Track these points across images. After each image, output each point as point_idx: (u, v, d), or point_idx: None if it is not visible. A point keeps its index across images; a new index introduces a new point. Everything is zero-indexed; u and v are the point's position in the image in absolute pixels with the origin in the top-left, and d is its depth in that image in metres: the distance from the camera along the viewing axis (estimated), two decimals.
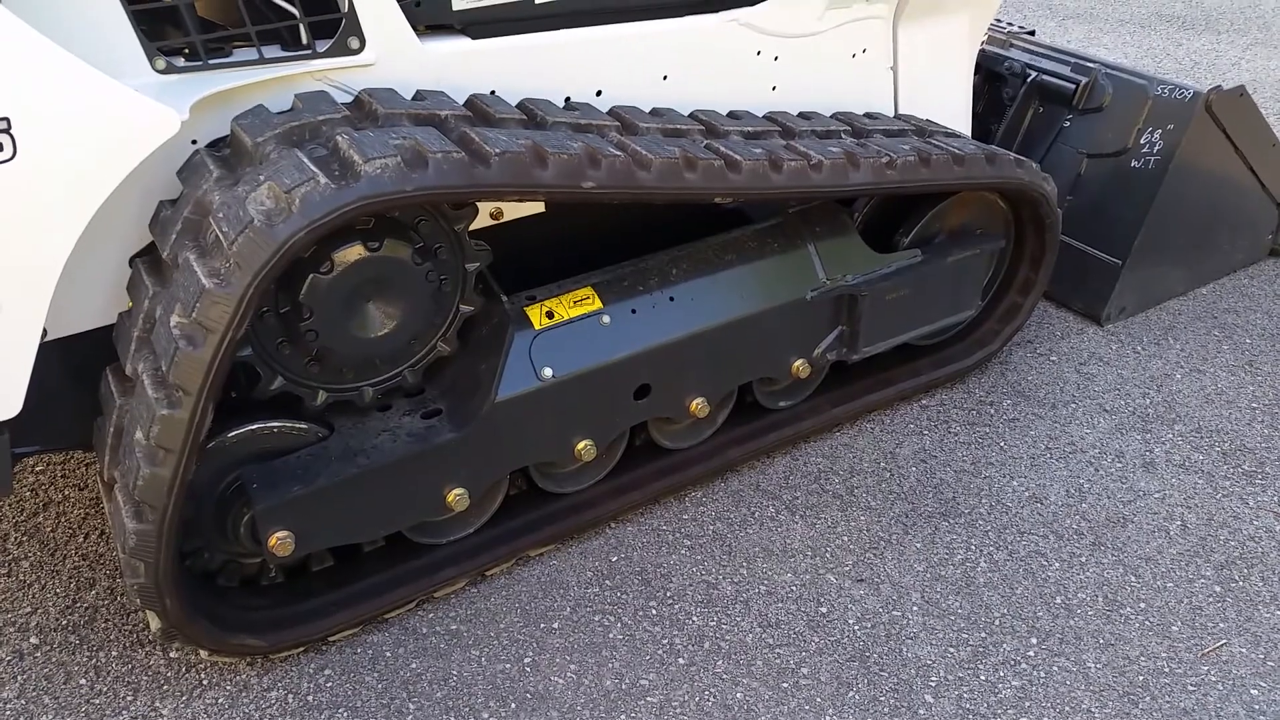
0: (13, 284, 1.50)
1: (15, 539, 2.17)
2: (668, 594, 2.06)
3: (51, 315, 1.56)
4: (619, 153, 1.80)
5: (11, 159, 1.42)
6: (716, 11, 2.19)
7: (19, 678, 1.88)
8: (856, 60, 2.45)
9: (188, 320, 1.51)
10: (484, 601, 2.04)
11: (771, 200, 2.20)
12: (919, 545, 2.19)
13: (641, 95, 2.12)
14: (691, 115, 2.13)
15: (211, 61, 1.67)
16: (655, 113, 2.08)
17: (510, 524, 2.11)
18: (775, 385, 2.40)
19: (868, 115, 2.45)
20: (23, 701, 1.84)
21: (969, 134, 2.73)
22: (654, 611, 2.02)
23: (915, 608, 2.04)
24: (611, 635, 1.97)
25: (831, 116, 2.36)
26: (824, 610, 2.03)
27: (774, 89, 2.32)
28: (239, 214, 1.50)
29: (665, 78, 2.15)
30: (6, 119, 1.40)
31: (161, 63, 1.63)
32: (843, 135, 2.26)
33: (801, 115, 2.31)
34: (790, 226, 2.27)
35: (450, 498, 1.93)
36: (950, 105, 2.70)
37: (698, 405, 2.16)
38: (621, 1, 2.07)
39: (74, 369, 1.77)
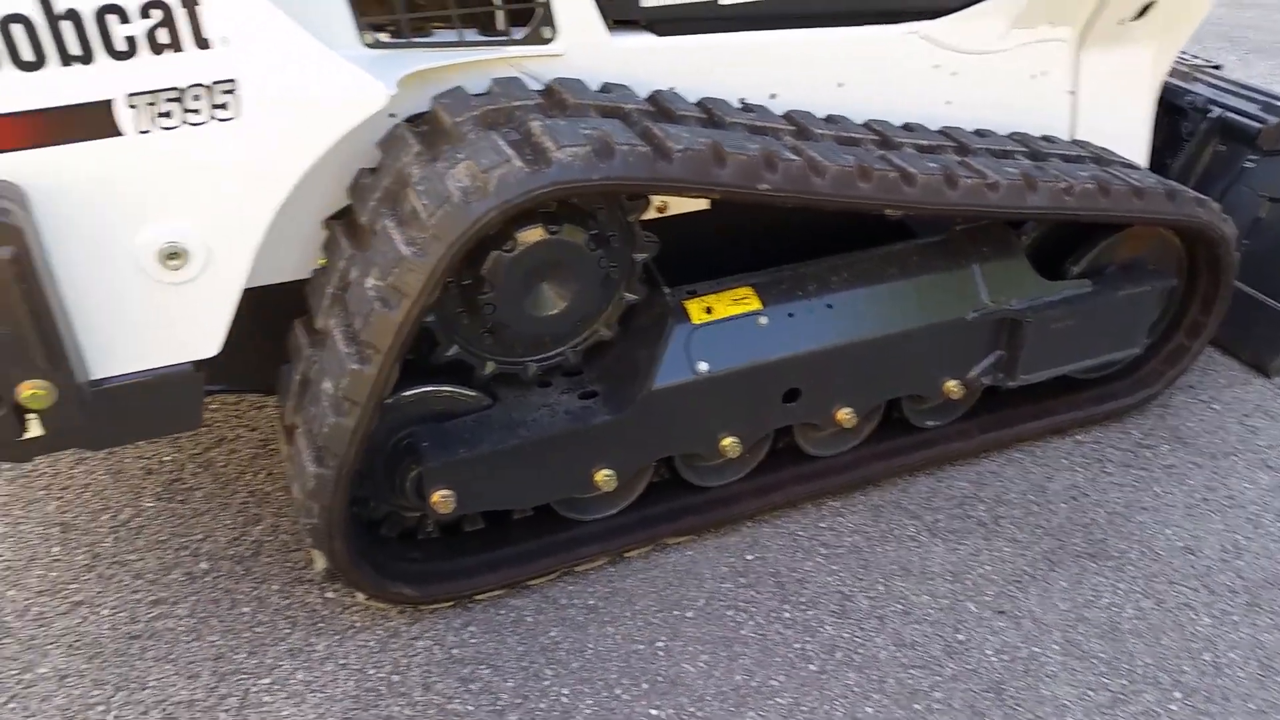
0: (225, 234, 1.64)
1: (191, 470, 2.35)
2: (802, 599, 2.07)
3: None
4: (795, 157, 1.83)
5: (234, 119, 1.55)
6: (898, 22, 2.19)
7: (189, 598, 2.04)
8: (1035, 81, 2.40)
9: (384, 284, 1.61)
10: (621, 582, 2.09)
11: (943, 216, 2.19)
12: (1064, 584, 2.14)
13: (815, 101, 2.14)
14: (865, 124, 2.14)
15: (415, 40, 1.78)
16: (830, 119, 2.10)
17: (652, 510, 2.16)
18: (925, 404, 2.38)
19: (1044, 138, 2.40)
20: (192, 620, 2.00)
21: (1146, 166, 2.64)
22: (787, 615, 2.03)
23: (1056, 646, 1.99)
24: (743, 632, 1.99)
25: (1007, 136, 2.33)
26: (961, 638, 2.01)
27: (948, 104, 2.31)
28: (438, 189, 1.60)
29: (840, 85, 2.16)
30: (234, 81, 1.52)
31: (369, 38, 1.74)
32: (1018, 156, 2.23)
33: (977, 133, 2.29)
34: (957, 245, 2.25)
35: (599, 477, 2.00)
36: (1128, 136, 2.62)
37: (845, 415, 2.17)
38: (804, 7, 2.10)
39: (262, 318, 1.90)
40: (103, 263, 1.57)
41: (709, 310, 2.03)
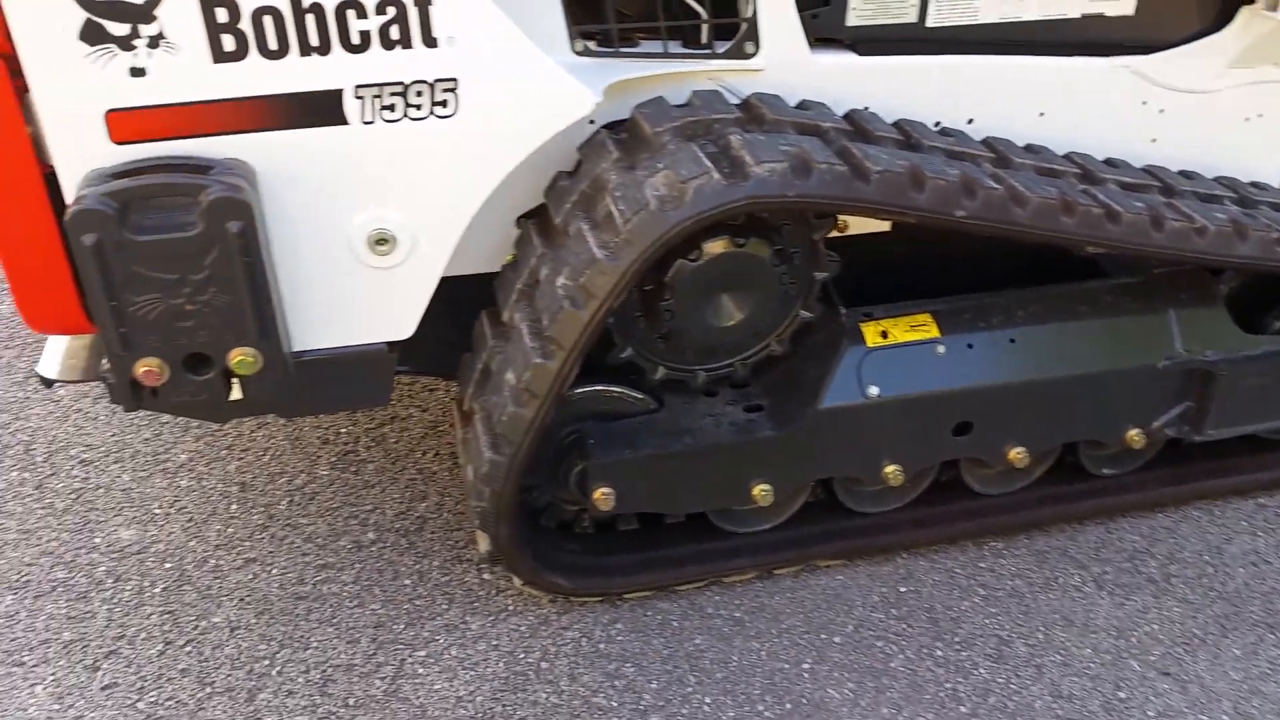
0: (431, 225, 1.71)
1: (364, 443, 2.45)
2: (956, 638, 2.01)
3: None
4: (996, 185, 1.78)
5: (452, 116, 1.62)
6: (1108, 55, 2.10)
7: (355, 566, 2.14)
8: (1250, 124, 2.27)
9: (573, 283, 1.65)
10: (769, 598, 2.08)
11: (1142, 258, 2.09)
12: (1237, 652, 2.02)
13: (1014, 129, 2.08)
14: (1066, 156, 2.06)
15: (622, 50, 1.82)
16: (1030, 149, 2.04)
17: (805, 530, 2.14)
18: (1103, 450, 2.28)
19: (1253, 184, 2.27)
20: (357, 587, 2.09)
21: None
22: (939, 653, 1.98)
23: (1225, 717, 1.88)
24: (893, 664, 1.96)
25: (1214, 180, 2.21)
26: (1122, 695, 1.92)
27: (1153, 141, 2.20)
28: (635, 196, 1.63)
29: (1041, 115, 2.09)
30: (455, 80, 1.59)
31: (580, 45, 1.78)
32: (1226, 201, 2.11)
33: (1182, 173, 2.18)
34: (1154, 288, 2.15)
35: (756, 491, 1.99)
36: None
37: (1017, 455, 2.09)
38: (1012, 34, 2.04)
39: (450, 306, 1.98)
40: (316, 242, 1.66)
41: (884, 334, 2.00)
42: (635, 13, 1.92)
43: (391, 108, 1.57)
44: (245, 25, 1.45)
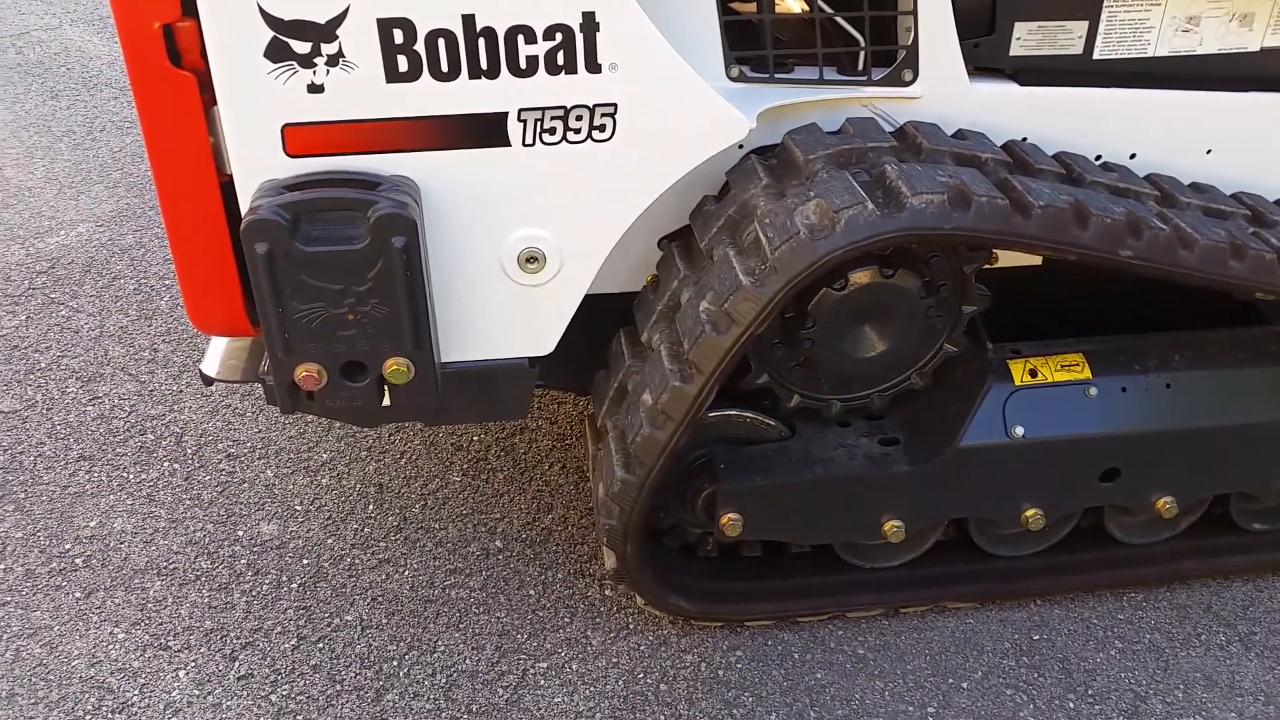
0: (580, 243, 1.73)
1: (495, 453, 2.50)
2: (1089, 691, 1.94)
3: None
4: (1163, 226, 1.71)
5: (609, 139, 1.63)
6: None
7: (483, 572, 2.18)
8: None
9: (717, 308, 1.65)
10: (894, 637, 2.04)
11: None
12: None
13: (1178, 165, 1.99)
14: (1234, 196, 1.97)
15: (777, 76, 1.80)
16: (1195, 187, 1.95)
17: (936, 570, 2.09)
18: (1257, 504, 2.16)
19: None
20: (483, 594, 2.13)
21: None
22: (1071, 705, 1.91)
23: None
24: (1022, 714, 1.89)
25: None
26: None
27: None
28: (785, 223, 1.62)
29: (1208, 152, 2.00)
30: (614, 105, 1.60)
31: (735, 70, 1.78)
32: None
33: None
34: None
35: (887, 527, 1.95)
36: None
37: (1166, 504, 2.00)
38: (1186, 68, 1.96)
39: (588, 324, 2.00)
40: (471, 259, 1.70)
41: (1033, 373, 1.94)
42: (791, 38, 1.91)
43: (552, 130, 1.59)
44: (419, 47, 1.50)
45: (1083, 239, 1.65)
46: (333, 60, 1.49)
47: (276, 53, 1.48)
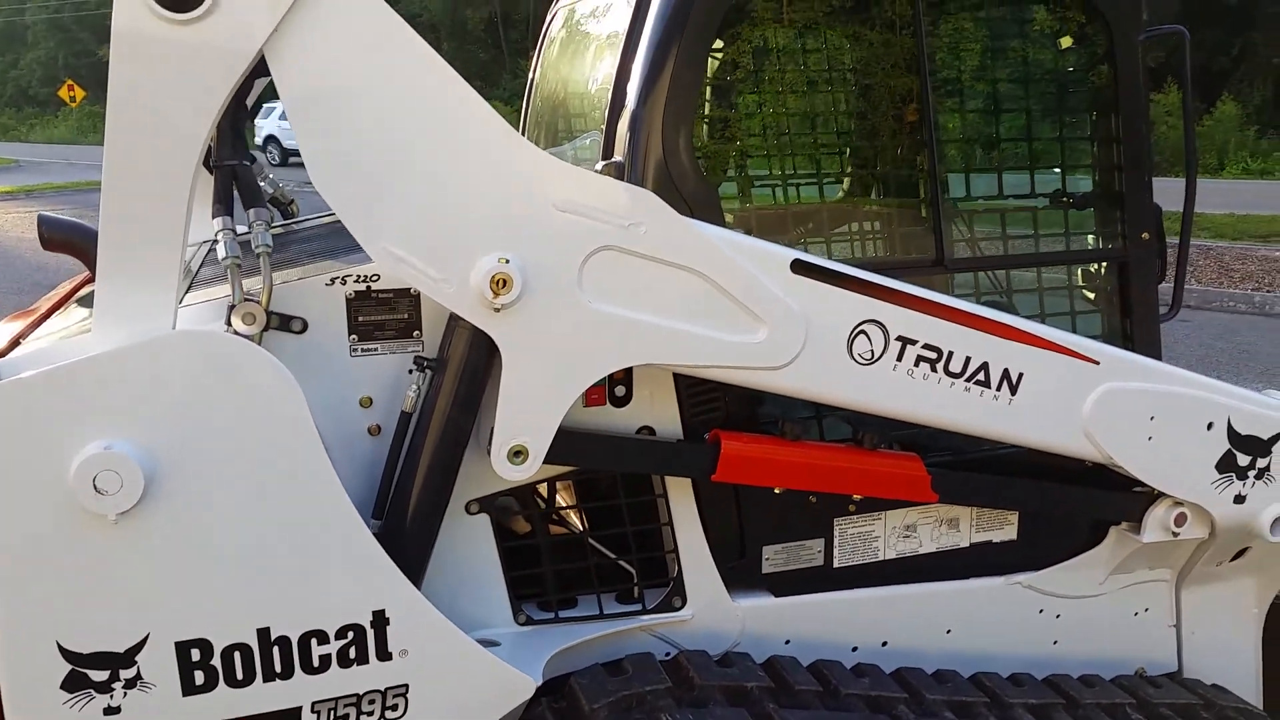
0: None
1: None
2: None
3: None
4: None
5: (401, 716, 1.74)
6: (1001, 575, 2.35)
7: None
8: (1139, 619, 2.50)
9: None
10: None
11: None
12: None
13: (925, 649, 2.27)
14: (975, 679, 2.22)
15: (562, 615, 2.00)
16: (939, 677, 2.18)
17: None
18: None
19: (1152, 683, 2.41)
20: None
21: (1260, 703, 2.62)
22: None
23: None
24: None
25: (1114, 682, 2.36)
26: None
27: (1055, 643, 2.40)
28: None
29: (949, 632, 2.30)
30: (405, 685, 1.73)
31: (523, 616, 1.97)
32: (1129, 710, 2.26)
33: (1083, 680, 2.33)
34: None
35: None
36: (1238, 667, 2.64)
37: None
38: (912, 566, 2.28)
39: None
40: None
41: None
42: (572, 576, 2.13)
43: (346, 717, 1.70)
44: (216, 662, 1.61)
45: None
46: (130, 683, 1.57)
47: (73, 683, 1.55)
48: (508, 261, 1.64)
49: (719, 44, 2.19)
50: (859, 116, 2.46)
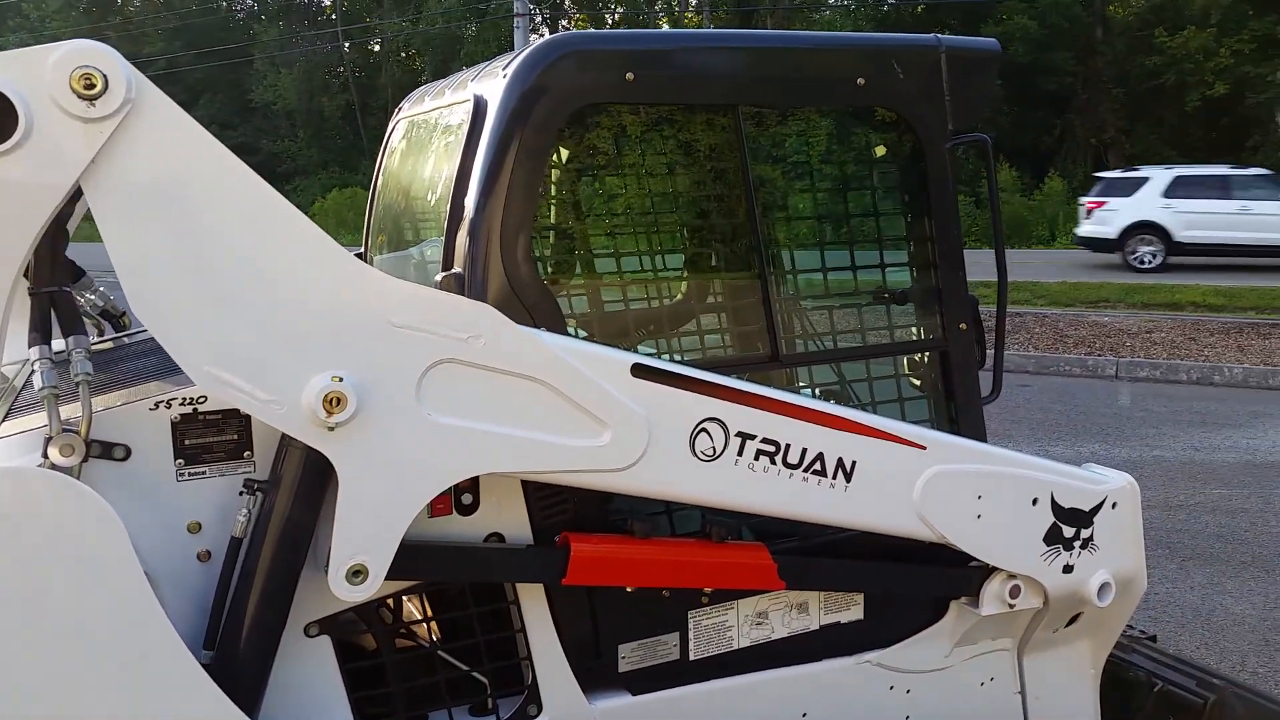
0: None
1: None
2: None
3: None
4: None
5: None
6: (851, 655, 2.41)
7: None
8: (985, 688, 2.60)
9: None
10: None
11: None
12: None
13: None
14: None
15: None
16: None
17: None
18: None
19: None
20: None
21: None
22: None
23: None
24: None
25: None
26: None
27: (908, 719, 2.47)
28: None
29: (804, 716, 2.34)
30: None
31: None
32: None
33: None
34: None
35: None
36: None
37: None
38: (765, 653, 2.32)
39: None
40: None
41: None
42: (423, 691, 2.09)
43: None
44: None
45: None
46: None
47: None
48: (341, 379, 1.63)
49: (557, 153, 2.26)
50: (693, 224, 2.56)
